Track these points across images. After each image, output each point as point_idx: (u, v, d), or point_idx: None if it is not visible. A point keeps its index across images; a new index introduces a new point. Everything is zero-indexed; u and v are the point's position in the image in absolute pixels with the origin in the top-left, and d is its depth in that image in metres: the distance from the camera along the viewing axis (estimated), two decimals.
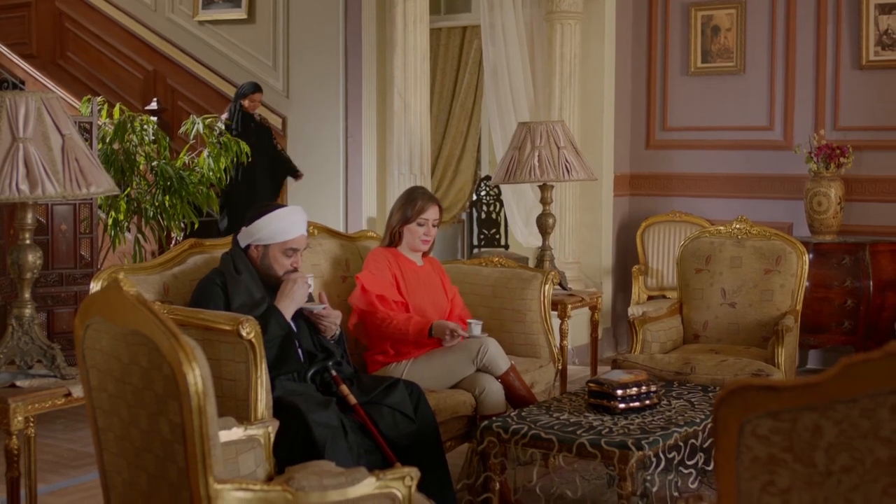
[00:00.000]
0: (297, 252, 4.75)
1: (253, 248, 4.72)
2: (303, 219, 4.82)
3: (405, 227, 5.38)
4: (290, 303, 4.62)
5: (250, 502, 2.87)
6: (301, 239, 4.76)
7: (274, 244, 4.69)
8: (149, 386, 2.89)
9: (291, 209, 4.83)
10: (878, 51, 8.09)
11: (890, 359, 2.08)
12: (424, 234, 5.36)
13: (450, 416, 4.96)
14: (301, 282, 4.65)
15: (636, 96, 9.12)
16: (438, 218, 5.42)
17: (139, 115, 7.48)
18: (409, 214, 5.37)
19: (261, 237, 4.69)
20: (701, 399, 4.91)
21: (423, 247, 5.39)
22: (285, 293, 4.63)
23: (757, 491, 2.22)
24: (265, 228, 4.68)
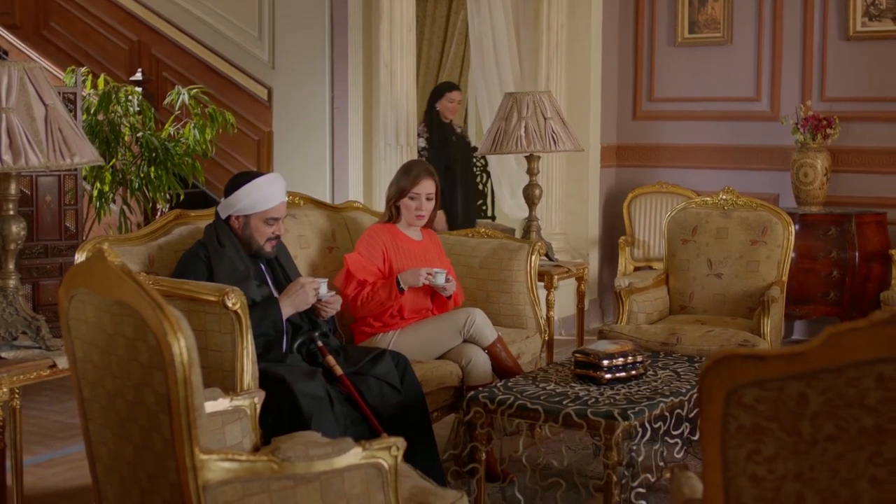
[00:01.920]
0: (279, 220, 4.72)
1: (234, 218, 4.69)
2: (282, 186, 4.78)
3: (401, 201, 5.35)
4: (291, 306, 4.59)
5: (236, 472, 2.86)
6: (281, 207, 4.74)
7: (254, 214, 4.67)
8: (134, 357, 2.88)
9: (270, 177, 4.79)
10: (865, 21, 8.08)
11: (875, 328, 2.09)
12: (417, 208, 5.33)
13: (436, 387, 4.97)
14: (310, 288, 4.62)
15: (623, 67, 9.10)
16: (434, 192, 5.37)
17: (124, 85, 7.43)
18: (403, 188, 5.35)
19: (241, 208, 4.66)
20: (687, 369, 4.92)
21: (418, 222, 5.37)
22: (290, 295, 4.60)
23: (742, 460, 2.23)
24: (245, 199, 4.66)
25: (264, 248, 4.70)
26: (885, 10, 8.00)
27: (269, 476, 2.90)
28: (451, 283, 5.24)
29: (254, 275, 4.65)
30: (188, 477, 2.81)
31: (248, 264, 4.66)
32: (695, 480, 2.66)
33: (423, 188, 5.33)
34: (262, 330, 4.43)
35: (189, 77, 8.43)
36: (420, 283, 5.13)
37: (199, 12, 8.61)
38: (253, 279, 4.60)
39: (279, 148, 8.13)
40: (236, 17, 8.39)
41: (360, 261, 5.20)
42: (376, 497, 3.04)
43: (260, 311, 4.42)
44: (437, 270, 5.19)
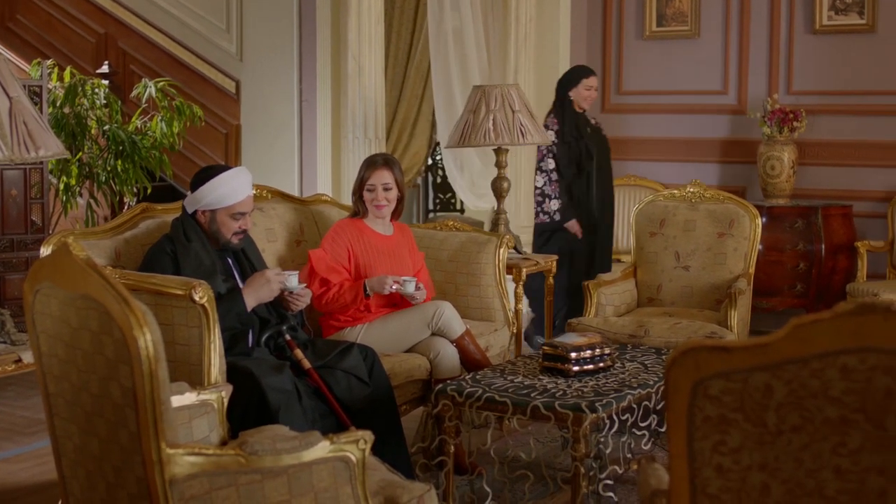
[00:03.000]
0: (245, 215, 4.70)
1: (200, 213, 4.66)
2: (248, 180, 4.75)
3: (361, 193, 5.34)
4: (253, 297, 4.57)
5: (203, 466, 2.85)
6: (247, 201, 4.71)
7: (220, 209, 4.64)
8: (99, 350, 2.86)
9: (235, 172, 4.75)
10: (831, 15, 8.13)
11: (839, 319, 2.10)
12: (373, 199, 5.32)
13: (405, 380, 4.97)
14: (276, 283, 4.60)
15: (591, 60, 9.10)
16: (391, 182, 5.34)
17: (90, 78, 7.38)
18: (361, 179, 5.34)
19: (207, 202, 4.63)
20: (654, 361, 4.93)
21: (378, 213, 5.35)
22: (254, 286, 4.58)
23: (708, 450, 2.24)
24: (211, 194, 4.63)
25: (231, 241, 4.68)
26: (850, 4, 8.05)
27: (237, 470, 2.90)
28: (422, 291, 5.22)
29: (220, 269, 4.63)
30: (154, 471, 2.80)
31: (215, 258, 4.64)
32: (662, 472, 2.67)
33: (379, 178, 5.31)
34: (228, 323, 4.41)
35: (156, 70, 8.39)
36: (386, 291, 5.11)
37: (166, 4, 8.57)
38: (219, 274, 4.58)
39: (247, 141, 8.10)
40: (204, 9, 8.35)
41: (325, 258, 5.19)
42: (344, 490, 3.04)
43: (225, 304, 4.40)
44: (407, 279, 5.17)
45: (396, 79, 8.71)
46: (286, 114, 7.77)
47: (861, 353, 2.10)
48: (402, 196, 5.41)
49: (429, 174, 10.69)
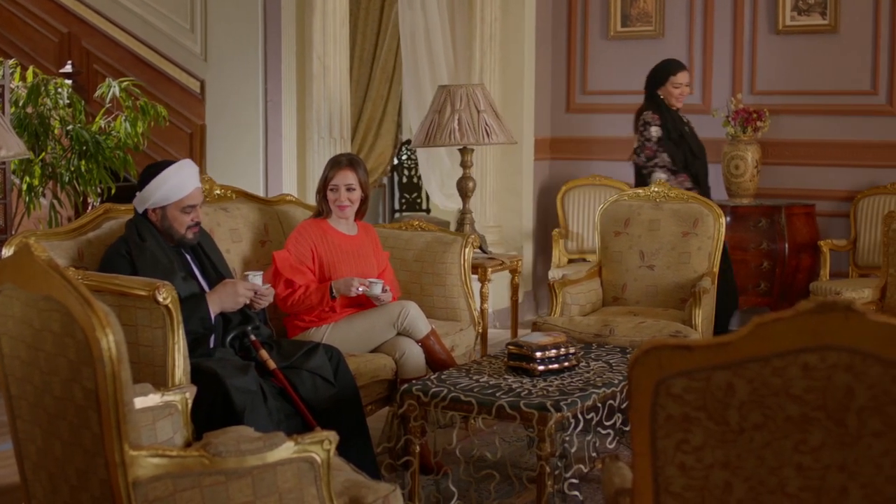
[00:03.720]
0: (196, 207, 4.67)
1: (151, 211, 4.64)
2: (193, 172, 4.71)
3: (325, 193, 5.34)
4: (217, 304, 4.55)
5: (167, 468, 2.84)
6: (196, 193, 4.68)
7: (170, 205, 4.61)
8: (62, 352, 2.85)
9: (179, 165, 4.70)
10: (794, 16, 8.18)
11: (800, 318, 2.11)
12: (335, 199, 5.31)
13: (370, 380, 4.97)
14: (243, 297, 4.58)
15: (556, 60, 9.13)
16: (354, 182, 5.33)
17: (53, 78, 7.33)
18: (325, 179, 5.34)
19: (155, 200, 4.60)
20: (619, 361, 4.95)
21: (341, 213, 5.34)
22: (219, 292, 4.56)
23: (671, 449, 2.25)
24: (157, 191, 4.59)
25: (186, 236, 4.66)
26: (813, 5, 8.11)
27: (201, 471, 2.88)
28: (388, 293, 5.22)
29: (179, 267, 4.60)
30: (118, 473, 2.78)
31: (172, 256, 4.60)
32: (626, 470, 2.68)
33: (342, 179, 5.30)
34: (191, 327, 4.37)
35: (120, 69, 8.34)
36: (353, 293, 5.11)
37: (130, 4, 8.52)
38: (178, 272, 4.54)
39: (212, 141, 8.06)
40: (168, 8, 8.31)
41: (289, 259, 5.18)
42: (309, 491, 3.04)
43: (188, 307, 4.37)
44: (374, 281, 5.17)
45: (362, 79, 8.70)
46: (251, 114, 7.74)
47: (822, 351, 2.12)
48: (365, 196, 5.40)
49: (395, 174, 10.69)
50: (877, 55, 8.00)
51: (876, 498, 2.18)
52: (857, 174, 8.06)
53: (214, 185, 5.51)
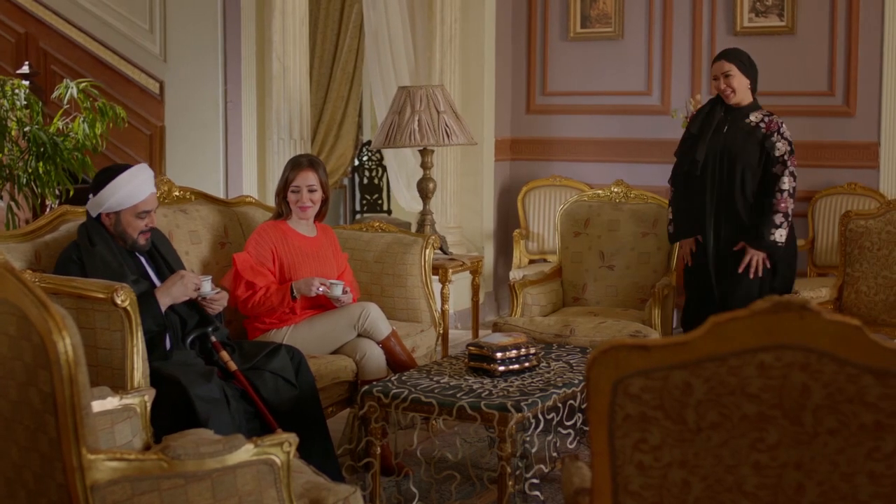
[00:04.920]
0: (150, 213, 4.63)
1: (104, 216, 4.60)
2: (149, 177, 4.68)
3: (286, 195, 5.33)
4: (167, 296, 4.52)
5: (125, 472, 2.82)
6: (151, 199, 4.64)
7: (124, 210, 4.57)
8: (18, 356, 2.82)
9: (135, 170, 4.66)
10: (751, 17, 8.24)
11: (756, 317, 2.13)
12: (297, 201, 5.31)
13: (331, 382, 4.96)
14: (189, 282, 4.55)
15: (516, 61, 9.15)
16: (315, 183, 5.33)
17: (10, 79, 7.26)
18: (286, 181, 5.33)
19: (110, 205, 4.56)
20: (579, 361, 4.97)
21: (303, 214, 5.34)
22: (167, 285, 4.53)
23: (629, 448, 2.26)
24: (112, 196, 4.55)
25: (138, 241, 4.62)
26: (770, 7, 8.17)
27: (159, 475, 2.87)
28: (348, 295, 5.22)
29: (132, 269, 4.55)
30: (75, 477, 2.76)
31: (123, 260, 4.56)
32: (585, 470, 2.69)
33: (304, 180, 5.30)
34: (145, 327, 4.33)
35: (78, 70, 8.28)
36: (313, 293, 5.10)
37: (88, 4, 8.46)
38: (129, 275, 4.49)
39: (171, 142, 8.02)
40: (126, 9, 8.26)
41: (249, 261, 5.16)
42: (269, 493, 3.03)
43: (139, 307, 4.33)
44: (335, 282, 5.17)
45: (322, 80, 8.69)
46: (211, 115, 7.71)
47: (777, 350, 2.14)
48: (326, 197, 5.40)
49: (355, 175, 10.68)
50: (833, 56, 8.07)
51: (832, 495, 2.20)
52: (815, 174, 8.12)
53: (173, 187, 5.48)
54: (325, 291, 5.11)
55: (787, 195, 5.63)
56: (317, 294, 5.11)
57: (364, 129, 10.47)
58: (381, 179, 10.62)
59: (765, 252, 5.65)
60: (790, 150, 5.71)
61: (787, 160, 5.68)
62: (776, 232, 5.62)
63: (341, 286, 5.16)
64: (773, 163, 5.68)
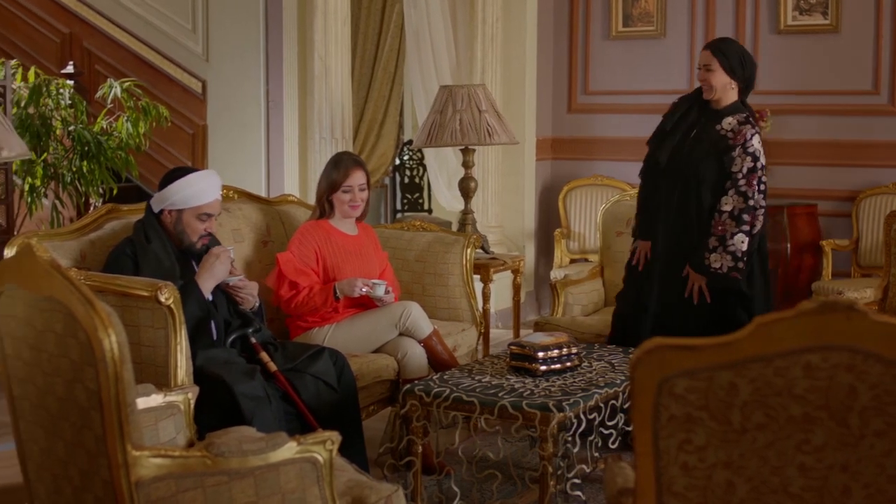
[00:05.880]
0: (212, 217, 4.68)
1: (166, 213, 4.64)
2: (216, 183, 4.74)
3: (333, 195, 5.33)
4: (209, 278, 4.55)
5: (169, 468, 2.84)
6: (215, 204, 4.69)
7: (187, 209, 4.61)
8: (64, 353, 2.85)
9: (204, 173, 4.75)
10: (795, 15, 8.18)
11: (802, 318, 2.11)
12: (350, 200, 5.32)
13: (372, 381, 4.97)
14: (224, 257, 4.59)
15: (558, 60, 9.13)
16: (365, 182, 5.36)
17: (55, 78, 7.33)
18: (335, 182, 5.32)
19: (174, 202, 4.61)
20: (621, 360, 4.95)
21: (354, 213, 5.35)
22: (206, 267, 4.56)
23: (674, 449, 2.25)
24: (178, 193, 4.60)
25: (195, 244, 4.66)
26: (814, 5, 8.11)
27: (203, 472, 2.89)
28: (390, 294, 5.23)
29: (181, 272, 4.59)
30: (120, 473, 2.78)
31: (175, 260, 4.60)
32: (628, 470, 2.68)
33: (355, 180, 5.31)
34: (189, 313, 4.34)
35: (122, 70, 8.34)
36: (356, 294, 5.12)
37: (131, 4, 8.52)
38: (179, 276, 4.53)
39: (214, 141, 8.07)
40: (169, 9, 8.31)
41: (293, 261, 5.18)
42: (311, 491, 3.04)
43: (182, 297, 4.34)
44: (377, 282, 5.18)
45: (363, 79, 8.70)
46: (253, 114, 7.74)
47: (824, 351, 2.12)
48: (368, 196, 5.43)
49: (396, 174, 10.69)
50: (878, 55, 8.00)
51: (878, 498, 2.18)
52: (859, 174, 8.06)
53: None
54: (367, 292, 5.13)
55: (726, 217, 5.12)
56: (360, 295, 5.13)
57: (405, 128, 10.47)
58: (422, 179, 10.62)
59: (701, 276, 5.19)
60: (752, 167, 5.16)
61: (740, 178, 5.14)
62: (710, 256, 5.14)
63: (384, 286, 5.17)
64: (725, 179, 5.19)
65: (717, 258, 5.14)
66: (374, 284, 5.14)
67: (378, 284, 5.15)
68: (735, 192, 5.15)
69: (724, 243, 5.13)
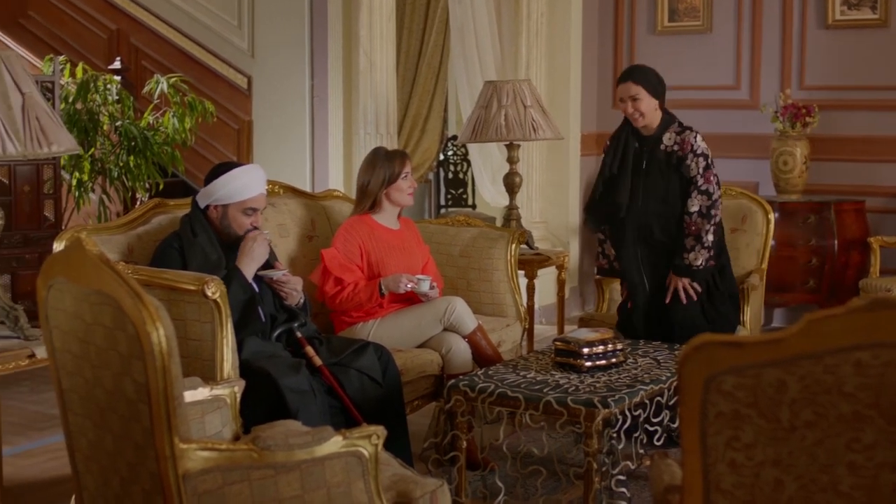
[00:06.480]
0: (257, 212, 4.70)
1: (212, 208, 4.67)
2: (261, 177, 4.76)
3: (391, 186, 5.32)
4: (250, 261, 4.58)
5: (216, 461, 2.86)
6: (260, 198, 4.72)
7: (232, 204, 4.64)
8: (113, 346, 2.87)
9: (249, 168, 4.78)
10: (843, 10, 8.10)
11: (852, 315, 2.09)
12: (409, 186, 5.35)
13: (417, 376, 4.97)
14: (261, 239, 4.62)
15: (603, 55, 9.10)
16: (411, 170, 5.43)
17: (102, 74, 7.39)
18: (393, 173, 5.31)
19: (219, 197, 4.64)
20: (667, 357, 4.93)
21: (411, 200, 5.38)
22: (245, 252, 4.59)
23: (721, 446, 2.23)
24: (223, 188, 4.63)
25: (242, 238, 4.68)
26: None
27: (249, 465, 2.90)
28: (435, 290, 5.24)
29: (229, 264, 4.61)
30: (168, 466, 2.80)
31: (222, 254, 4.63)
32: (675, 467, 2.67)
33: (408, 167, 5.36)
34: (234, 298, 4.37)
35: (168, 65, 8.39)
36: (401, 290, 5.13)
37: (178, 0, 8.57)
38: (225, 270, 4.56)
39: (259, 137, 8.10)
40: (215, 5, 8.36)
41: (337, 257, 5.19)
42: (357, 485, 3.05)
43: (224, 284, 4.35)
44: (422, 277, 5.19)
45: (408, 75, 8.71)
46: (298, 110, 7.77)
47: (874, 348, 2.10)
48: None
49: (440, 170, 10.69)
50: None
51: None
52: None
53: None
54: (413, 287, 5.14)
55: (696, 216, 5.38)
56: (405, 291, 5.14)
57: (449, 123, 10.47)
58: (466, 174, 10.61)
59: (685, 277, 5.42)
60: (706, 164, 5.44)
61: (699, 179, 5.41)
62: (688, 256, 5.38)
63: (428, 281, 5.18)
64: (687, 184, 5.43)
65: (696, 255, 5.42)
66: (419, 280, 5.15)
67: (423, 280, 5.16)
68: (697, 192, 5.42)
69: (700, 241, 5.41)
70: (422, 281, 5.16)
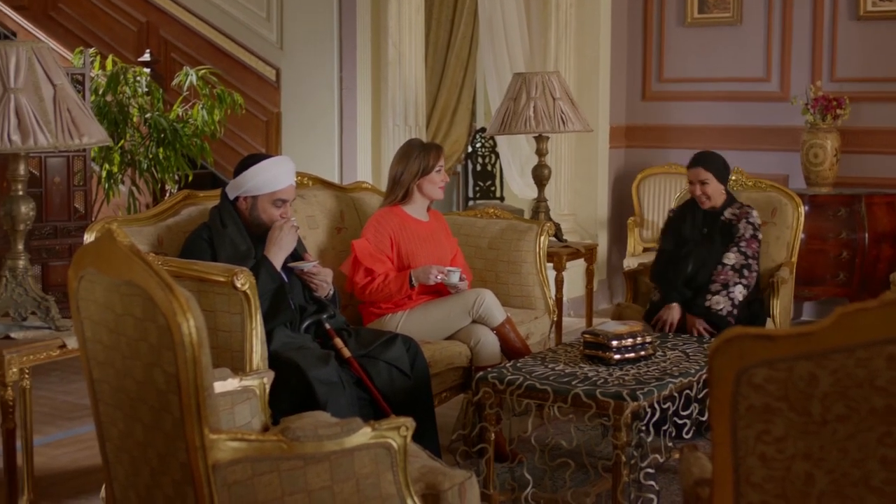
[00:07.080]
0: (286, 203, 4.71)
1: (242, 199, 4.68)
2: (290, 169, 4.77)
3: (423, 179, 5.33)
4: (278, 250, 4.60)
5: (245, 452, 2.87)
6: (289, 189, 4.73)
7: (262, 195, 4.66)
8: (143, 337, 2.88)
9: (278, 159, 4.79)
10: (875, 1, 8.04)
11: (885, 308, 2.08)
12: (441, 179, 5.36)
13: (445, 367, 4.97)
14: (288, 227, 4.63)
15: (632, 47, 9.07)
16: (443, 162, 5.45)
17: (132, 66, 7.42)
18: (428, 165, 5.32)
19: (248, 188, 4.65)
20: (696, 350, 4.91)
21: (441, 194, 5.39)
22: (273, 240, 4.61)
23: (752, 439, 2.22)
24: (252, 180, 4.64)
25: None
26: None
27: (279, 456, 2.91)
28: (464, 282, 5.25)
29: (258, 254, 4.63)
30: (197, 457, 2.81)
31: (251, 245, 4.64)
32: (704, 460, 2.66)
33: (442, 160, 5.38)
34: (262, 287, 4.38)
35: (197, 58, 8.43)
36: (431, 281, 5.14)
37: None
38: (253, 259, 4.58)
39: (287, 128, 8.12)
40: None
41: (368, 248, 5.19)
42: (385, 476, 3.05)
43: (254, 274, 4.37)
44: (452, 269, 5.19)
45: (437, 66, 8.71)
46: (326, 101, 7.78)
47: None
48: None
49: (469, 162, 10.69)
50: None
51: None
52: None
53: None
54: (442, 279, 5.14)
55: (729, 269, 5.57)
56: (435, 282, 5.14)
57: (477, 115, 10.46)
58: (495, 166, 10.61)
59: (701, 318, 5.54)
60: (752, 234, 5.69)
61: (742, 241, 5.65)
62: (712, 298, 5.53)
63: (458, 273, 5.18)
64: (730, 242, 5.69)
65: (720, 300, 5.55)
66: (449, 272, 5.16)
67: (452, 272, 5.16)
68: (737, 249, 5.64)
69: (727, 288, 5.56)
70: (451, 272, 5.16)
